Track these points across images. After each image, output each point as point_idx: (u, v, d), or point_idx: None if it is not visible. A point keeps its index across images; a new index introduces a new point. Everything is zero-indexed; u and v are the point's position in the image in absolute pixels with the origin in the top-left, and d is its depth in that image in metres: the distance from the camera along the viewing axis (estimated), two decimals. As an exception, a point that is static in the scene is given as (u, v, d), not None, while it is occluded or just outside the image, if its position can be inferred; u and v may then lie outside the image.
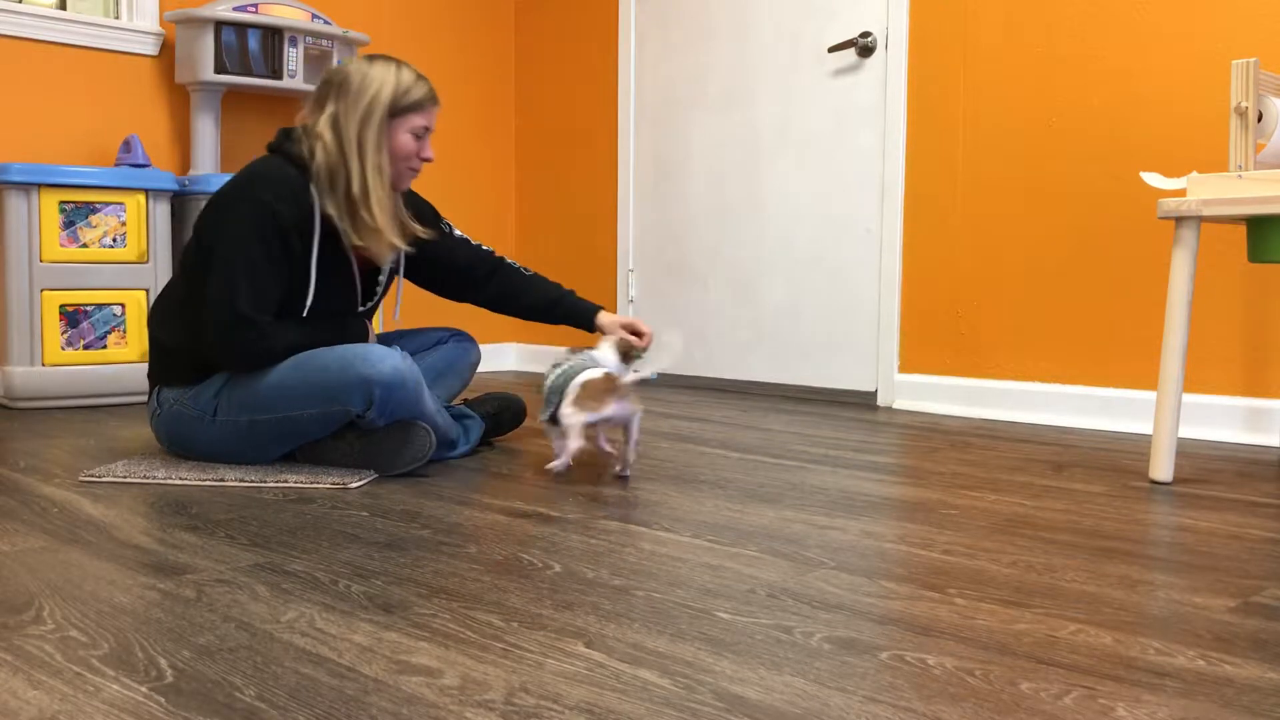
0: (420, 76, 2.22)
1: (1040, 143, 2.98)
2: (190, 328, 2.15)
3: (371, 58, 2.21)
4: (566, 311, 2.47)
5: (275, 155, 2.18)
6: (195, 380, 2.17)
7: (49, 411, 3.02)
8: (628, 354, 2.28)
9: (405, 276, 2.43)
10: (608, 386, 2.02)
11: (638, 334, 2.37)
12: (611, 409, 2.02)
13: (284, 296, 2.15)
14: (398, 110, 2.17)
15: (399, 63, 2.21)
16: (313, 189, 2.13)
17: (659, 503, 1.90)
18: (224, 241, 2.09)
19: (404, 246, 2.26)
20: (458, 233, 2.48)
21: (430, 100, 2.22)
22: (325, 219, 2.15)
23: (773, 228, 3.61)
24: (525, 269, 2.52)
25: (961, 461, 2.35)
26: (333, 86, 2.17)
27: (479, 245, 2.50)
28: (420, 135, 2.21)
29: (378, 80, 2.15)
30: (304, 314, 2.18)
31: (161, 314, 2.23)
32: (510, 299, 2.48)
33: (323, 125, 2.14)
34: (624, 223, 4.07)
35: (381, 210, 2.16)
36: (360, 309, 2.32)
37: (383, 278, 2.37)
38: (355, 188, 2.13)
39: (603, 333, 2.40)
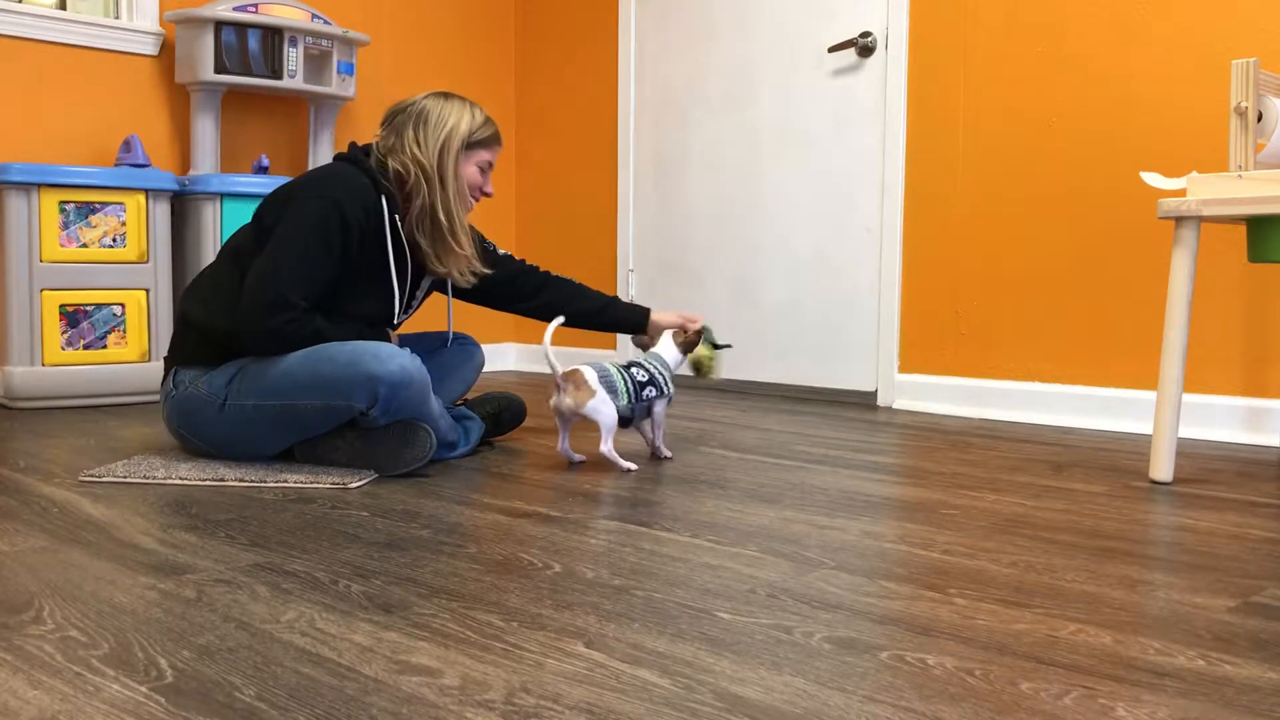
0: (487, 116, 2.34)
1: (1040, 143, 2.98)
2: (227, 309, 2.16)
3: (445, 95, 2.31)
4: (617, 315, 2.56)
5: (348, 163, 2.24)
6: (214, 363, 2.19)
7: (49, 411, 3.02)
8: (688, 345, 2.38)
9: (452, 295, 2.50)
10: (571, 380, 2.17)
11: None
12: (568, 401, 2.16)
13: (371, 304, 2.24)
14: (472, 143, 2.28)
15: (470, 102, 2.33)
16: (383, 201, 2.21)
17: (659, 503, 1.90)
18: (285, 226, 2.14)
19: (485, 270, 2.39)
20: (502, 251, 2.57)
21: (497, 139, 2.35)
22: (394, 231, 2.23)
23: (772, 227, 3.61)
24: (572, 280, 2.60)
25: (961, 461, 2.35)
26: (410, 116, 2.27)
27: (521, 260, 2.58)
28: (485, 170, 2.33)
29: (455, 115, 2.27)
30: (394, 322, 2.31)
31: (197, 292, 2.24)
32: (559, 308, 2.52)
33: (409, 150, 2.23)
34: (624, 223, 4.07)
35: (466, 236, 2.30)
36: (401, 317, 2.37)
37: (420, 293, 2.43)
38: (442, 214, 2.25)
39: (658, 329, 2.51)
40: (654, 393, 2.25)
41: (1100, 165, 2.87)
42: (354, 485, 2.02)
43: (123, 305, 3.15)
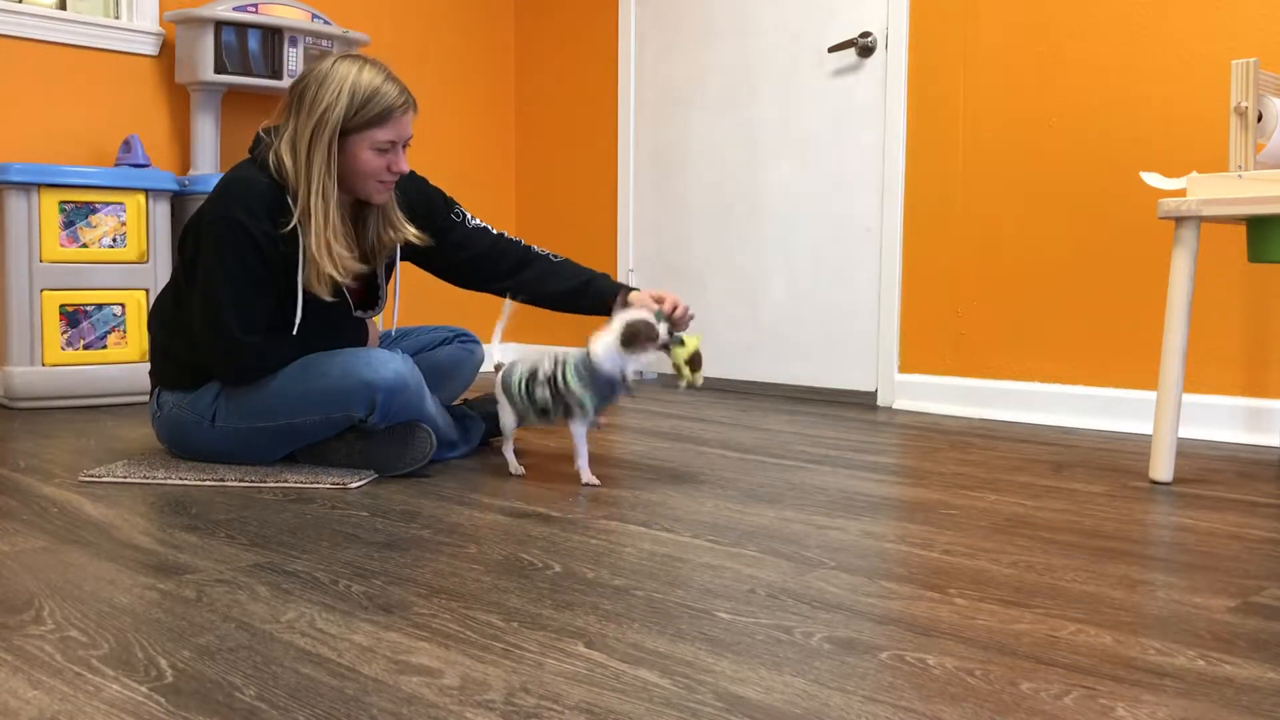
0: (389, 79, 2.05)
1: (1040, 143, 2.98)
2: (184, 336, 2.15)
3: (342, 58, 2.06)
4: (595, 296, 2.24)
5: (249, 164, 2.10)
6: (194, 385, 2.17)
7: (49, 411, 3.02)
8: (633, 339, 1.97)
9: (418, 264, 2.32)
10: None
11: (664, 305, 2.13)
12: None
13: (276, 306, 2.11)
14: (351, 128, 2.02)
15: (363, 65, 2.05)
16: (288, 198, 2.05)
17: (659, 503, 1.90)
18: (204, 262, 2.06)
19: (341, 279, 2.08)
20: (474, 221, 2.32)
21: (398, 110, 2.04)
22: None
23: (773, 228, 3.61)
24: (555, 255, 2.32)
25: (961, 461, 2.35)
26: (295, 94, 2.06)
27: (503, 234, 2.33)
28: (385, 150, 2.05)
29: (332, 92, 2.01)
30: (295, 326, 2.10)
31: (160, 317, 2.23)
32: (533, 287, 2.26)
33: (283, 144, 2.05)
34: (624, 223, 4.07)
35: (318, 236, 2.03)
36: (357, 313, 2.23)
37: (382, 279, 2.30)
38: (298, 211, 2.03)
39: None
40: (561, 412, 2.01)
41: (1100, 165, 2.87)
42: (354, 485, 2.02)
43: (123, 305, 3.15)
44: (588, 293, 2.25)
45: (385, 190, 2.12)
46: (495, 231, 2.33)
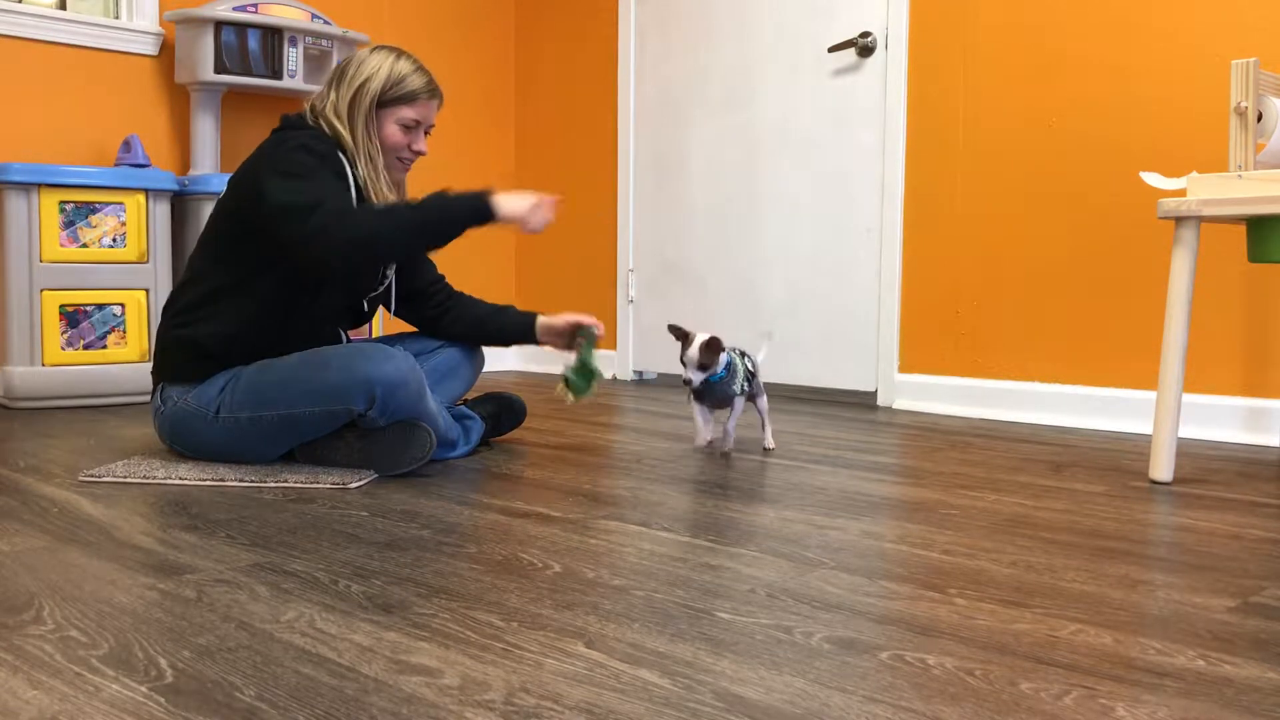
0: (419, 69, 2.25)
1: (1040, 143, 2.98)
2: (207, 317, 2.15)
3: (377, 47, 2.26)
4: (504, 321, 2.51)
5: (293, 128, 2.22)
6: (200, 378, 2.17)
7: (49, 411, 3.02)
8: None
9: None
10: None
11: (583, 325, 2.45)
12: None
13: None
14: (385, 101, 2.21)
15: (399, 53, 2.25)
16: (341, 156, 2.18)
17: (659, 503, 1.90)
18: (270, 173, 2.07)
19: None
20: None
21: (424, 94, 2.25)
22: (357, 186, 2.20)
23: (773, 228, 3.61)
24: (471, 296, 2.56)
25: (961, 461, 2.35)
26: (337, 71, 2.25)
27: (439, 273, 2.53)
28: (410, 127, 2.25)
29: (371, 69, 2.21)
30: (376, 287, 2.27)
31: (172, 307, 2.23)
32: (456, 319, 2.49)
33: (329, 112, 2.21)
34: (624, 223, 4.07)
35: (383, 200, 2.22)
36: (376, 290, 2.36)
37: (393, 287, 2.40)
38: (360, 176, 2.20)
39: (553, 332, 2.47)
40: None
41: (1100, 165, 2.87)
42: (354, 485, 2.02)
43: (123, 305, 3.15)
44: (496, 318, 2.51)
45: (403, 168, 2.30)
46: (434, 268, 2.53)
